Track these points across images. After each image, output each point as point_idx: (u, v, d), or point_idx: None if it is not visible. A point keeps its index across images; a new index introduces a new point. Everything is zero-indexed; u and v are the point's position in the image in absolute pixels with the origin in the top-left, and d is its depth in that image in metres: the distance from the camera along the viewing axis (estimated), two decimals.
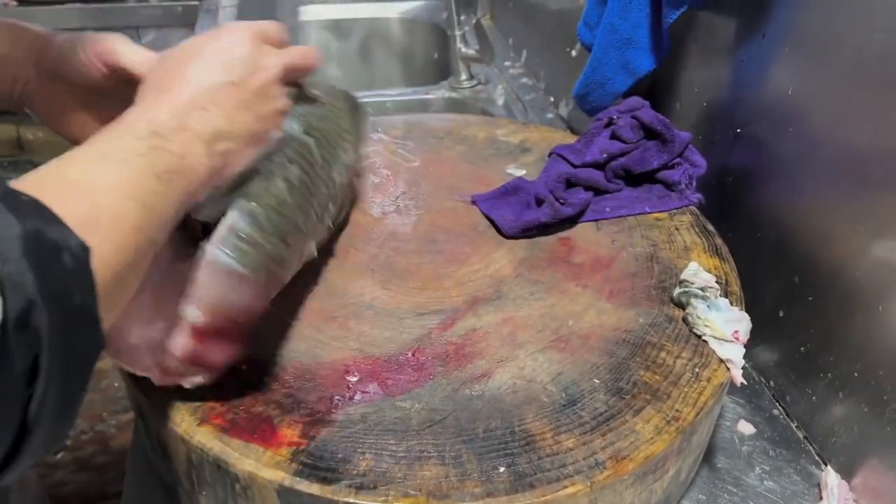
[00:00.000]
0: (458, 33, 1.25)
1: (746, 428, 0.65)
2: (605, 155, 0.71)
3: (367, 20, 1.60)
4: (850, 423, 0.59)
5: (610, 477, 0.46)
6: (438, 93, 1.28)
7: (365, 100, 1.25)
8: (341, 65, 1.63)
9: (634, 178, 0.72)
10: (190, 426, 0.48)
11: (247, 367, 0.52)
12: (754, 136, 0.69)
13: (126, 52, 0.54)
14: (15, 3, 1.48)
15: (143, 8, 1.54)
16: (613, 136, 0.72)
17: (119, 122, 0.43)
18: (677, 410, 0.50)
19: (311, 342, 0.55)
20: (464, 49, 1.25)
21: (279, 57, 0.51)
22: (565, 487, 0.45)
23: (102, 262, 0.34)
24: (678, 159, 0.71)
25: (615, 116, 0.72)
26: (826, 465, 0.61)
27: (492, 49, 1.19)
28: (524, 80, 1.29)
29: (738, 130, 0.70)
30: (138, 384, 0.50)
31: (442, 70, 1.58)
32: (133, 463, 0.60)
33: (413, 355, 0.54)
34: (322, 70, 1.66)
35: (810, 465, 0.62)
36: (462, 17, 1.30)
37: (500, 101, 1.23)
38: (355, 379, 0.52)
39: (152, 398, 0.50)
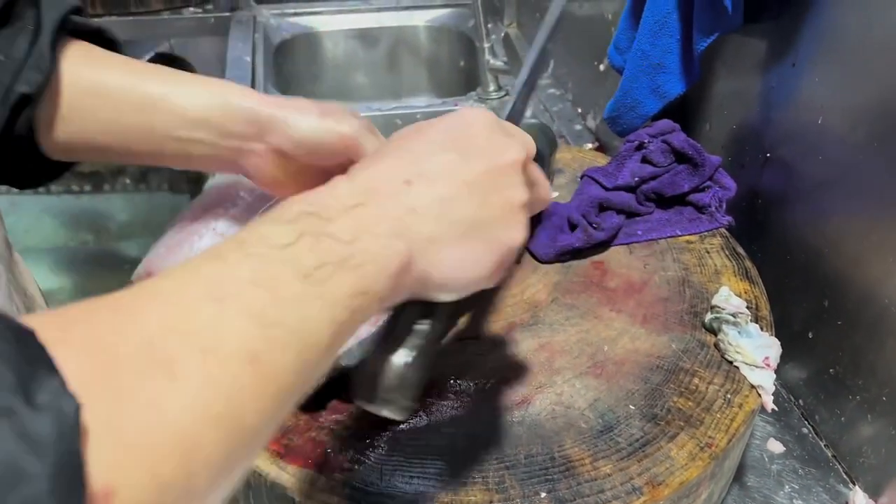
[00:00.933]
0: (486, 45, 1.27)
1: (776, 447, 0.67)
2: (636, 178, 0.73)
3: (395, 28, 1.62)
4: (878, 443, 0.61)
5: (646, 502, 0.48)
6: (468, 104, 1.30)
7: (396, 112, 1.28)
8: (369, 73, 1.65)
9: (665, 201, 0.74)
10: None
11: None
12: (783, 159, 0.71)
13: (369, 145, 0.53)
14: None
15: (176, 19, 1.58)
16: (645, 160, 0.73)
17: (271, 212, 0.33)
18: (710, 437, 0.52)
19: None
20: (492, 60, 1.27)
21: (522, 142, 0.41)
22: None
23: (171, 416, 0.24)
24: (708, 182, 0.73)
25: (646, 140, 0.74)
26: (854, 484, 0.63)
27: (520, 61, 1.21)
28: (552, 90, 1.30)
29: (768, 155, 0.72)
30: None
31: (468, 77, 1.60)
32: None
33: (455, 381, 0.57)
34: (349, 79, 1.67)
35: (838, 484, 0.64)
36: (489, 26, 1.32)
37: (529, 112, 1.24)
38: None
39: None
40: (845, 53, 0.62)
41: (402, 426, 0.53)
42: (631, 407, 0.55)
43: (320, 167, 0.53)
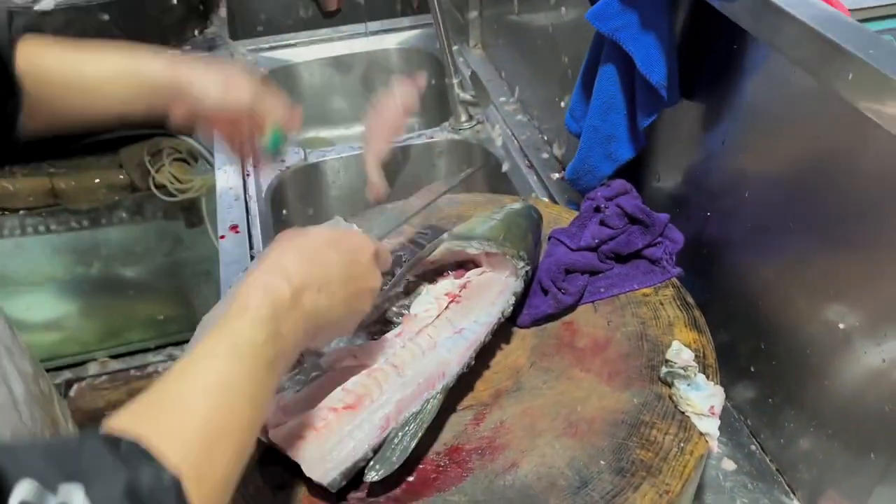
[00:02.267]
0: (455, 80, 1.35)
1: (729, 465, 0.79)
2: (596, 240, 0.83)
3: (366, 53, 1.70)
4: (811, 463, 0.73)
5: None
6: (442, 135, 1.39)
7: None
8: (346, 98, 1.73)
9: (623, 258, 0.84)
10: None
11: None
12: (722, 215, 0.81)
13: (267, 104, 0.76)
14: None
15: None
16: (602, 223, 0.84)
17: (244, 300, 0.51)
18: (667, 484, 0.64)
19: None
20: (461, 94, 1.36)
21: (381, 272, 0.64)
22: None
23: (209, 478, 0.41)
24: (659, 238, 0.83)
25: (603, 205, 0.84)
26: (794, 495, 0.76)
27: (488, 96, 1.30)
28: (518, 117, 1.39)
29: (709, 213, 0.82)
30: (245, 499, 0.64)
31: (440, 96, 1.68)
32: None
33: (455, 451, 0.68)
34: (327, 105, 1.75)
35: (782, 496, 0.76)
36: (455, 51, 1.40)
37: (499, 142, 1.34)
38: (412, 478, 0.66)
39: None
40: (766, 133, 0.72)
41: (415, 498, 0.64)
42: (602, 462, 0.66)
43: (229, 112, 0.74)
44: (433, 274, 0.79)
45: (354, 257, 0.61)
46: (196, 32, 1.73)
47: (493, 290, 0.75)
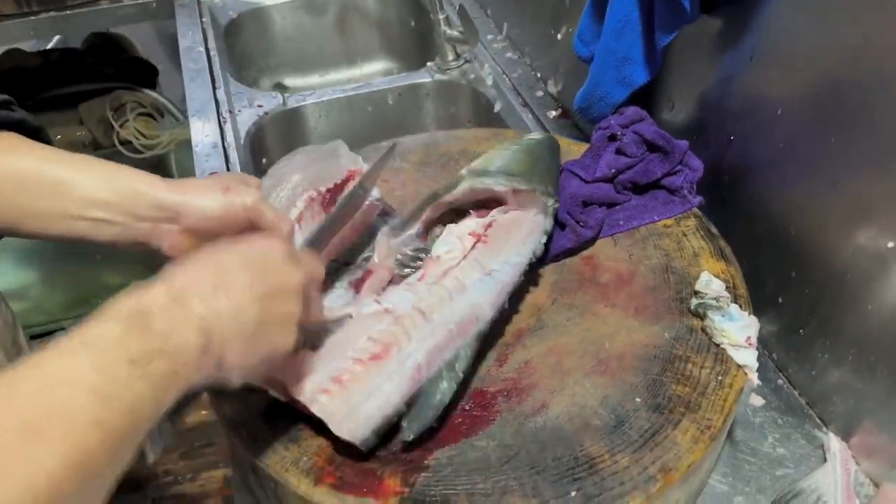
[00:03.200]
0: (441, 16, 1.28)
1: (757, 400, 0.76)
2: (613, 170, 0.78)
3: None
4: (846, 393, 0.70)
5: (662, 488, 0.56)
6: (428, 76, 1.32)
7: (358, 92, 1.30)
8: (321, 42, 1.64)
9: (640, 188, 0.79)
10: (308, 487, 0.56)
11: None
12: (744, 138, 0.76)
13: (267, 211, 0.61)
14: None
15: (117, 8, 1.53)
16: (619, 151, 0.79)
17: (109, 304, 0.43)
18: (708, 419, 0.60)
19: None
20: (448, 31, 1.28)
21: (305, 271, 0.54)
22: (627, 502, 0.55)
23: (45, 469, 0.35)
24: (679, 166, 0.78)
25: (619, 132, 0.79)
26: (827, 428, 0.72)
27: (476, 32, 1.23)
28: (508, 54, 1.33)
29: (731, 137, 0.77)
30: (253, 453, 0.59)
31: (421, 38, 1.61)
32: None
33: (479, 395, 0.63)
34: (302, 50, 1.67)
35: (814, 430, 0.73)
36: None
37: (490, 81, 1.27)
38: (435, 425, 0.61)
39: (264, 465, 0.58)
40: (802, 39, 0.66)
41: (441, 446, 0.59)
42: (637, 399, 0.62)
43: (230, 231, 0.61)
44: (451, 215, 0.73)
45: (261, 256, 0.52)
46: None
47: (522, 229, 0.69)
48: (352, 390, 0.56)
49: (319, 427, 0.58)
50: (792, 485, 0.68)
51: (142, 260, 2.05)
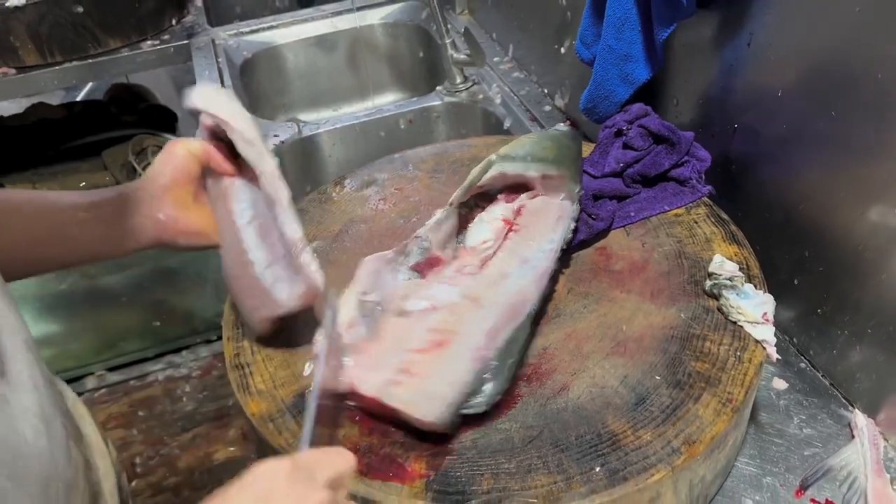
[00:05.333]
0: (448, 41, 1.31)
1: (780, 384, 0.76)
2: (621, 164, 0.80)
3: (351, 30, 1.66)
4: (870, 369, 0.69)
5: (686, 460, 0.56)
6: (438, 99, 1.35)
7: (371, 118, 1.33)
8: (333, 78, 1.69)
9: (650, 181, 0.81)
10: None
11: (360, 416, 0.62)
12: (750, 126, 0.78)
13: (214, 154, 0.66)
14: (14, 71, 1.53)
15: (136, 55, 1.59)
16: (626, 146, 0.80)
17: None
18: (729, 392, 0.60)
19: None
20: (455, 54, 1.32)
21: (328, 478, 0.46)
22: (652, 476, 0.55)
23: None
24: (686, 157, 0.80)
25: (624, 127, 0.80)
26: (853, 407, 0.72)
27: (482, 53, 1.27)
28: (515, 74, 1.36)
29: (735, 125, 0.79)
30: (281, 446, 0.60)
31: (430, 67, 1.65)
32: None
33: None
34: (315, 86, 1.71)
35: (840, 409, 0.72)
36: (445, 16, 1.36)
37: (498, 100, 1.30)
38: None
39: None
40: (799, 20, 0.68)
41: (464, 430, 0.59)
42: (657, 377, 0.62)
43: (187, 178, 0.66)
44: (478, 199, 0.74)
45: (263, 492, 0.44)
46: (173, 21, 1.68)
47: (551, 214, 0.72)
48: (422, 378, 0.58)
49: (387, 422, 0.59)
50: (821, 463, 0.67)
51: (167, 298, 2.09)
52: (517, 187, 0.74)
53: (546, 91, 1.28)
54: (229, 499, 0.44)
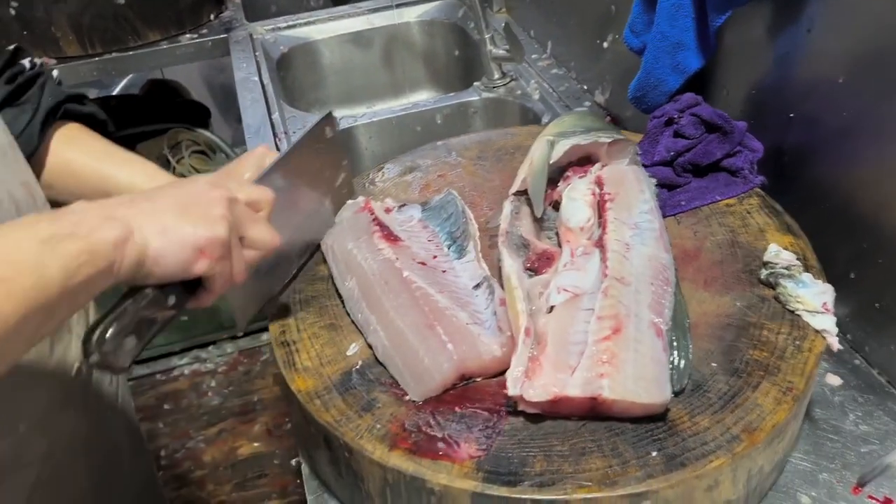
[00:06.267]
0: (487, 36, 1.31)
1: (834, 380, 0.73)
2: (671, 153, 0.78)
3: (387, 28, 1.66)
4: None
5: (746, 447, 0.54)
6: (475, 94, 1.34)
7: (407, 112, 1.32)
8: (368, 75, 1.69)
9: (700, 170, 0.79)
10: (383, 453, 0.56)
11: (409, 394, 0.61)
12: (807, 116, 0.76)
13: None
14: (54, 61, 1.55)
15: (175, 47, 1.60)
16: (677, 134, 0.79)
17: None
18: (790, 381, 0.58)
19: None
20: (494, 50, 1.31)
21: (230, 189, 0.58)
22: (711, 462, 0.53)
23: None
24: (738, 147, 0.78)
25: (675, 115, 0.79)
26: None
27: (522, 48, 1.26)
28: (554, 70, 1.35)
29: (791, 115, 0.77)
30: (328, 422, 0.59)
31: (465, 66, 1.64)
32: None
33: None
34: (349, 83, 1.71)
35: None
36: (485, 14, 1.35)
37: (536, 96, 1.29)
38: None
39: (339, 433, 0.58)
40: (858, 16, 0.67)
41: (515, 412, 0.58)
42: (713, 364, 0.61)
43: None
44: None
45: (187, 182, 0.58)
46: (211, 16, 1.69)
47: (630, 177, 0.73)
48: (624, 364, 0.56)
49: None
50: (879, 460, 0.65)
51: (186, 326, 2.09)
52: (581, 161, 0.74)
53: (586, 87, 1.26)
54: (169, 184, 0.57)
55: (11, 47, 0.72)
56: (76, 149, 0.72)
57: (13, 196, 0.62)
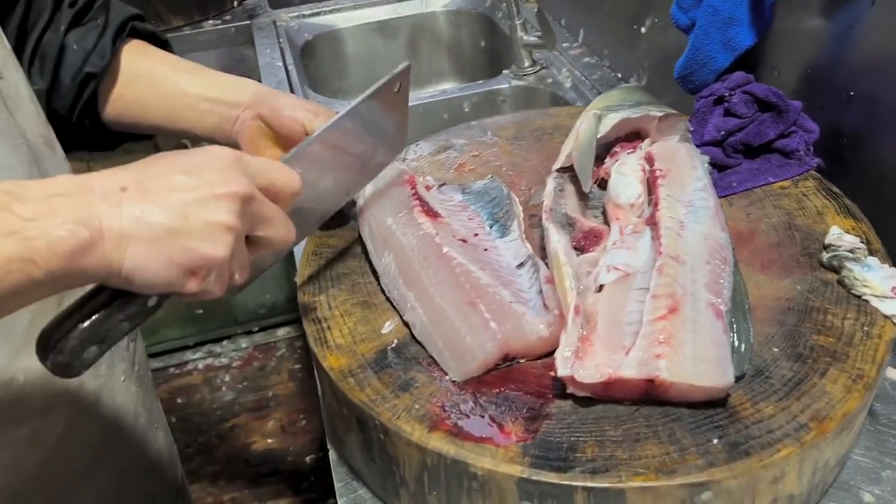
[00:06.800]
0: (518, 22, 1.27)
1: (894, 374, 0.69)
2: (722, 132, 0.74)
3: (413, 17, 1.63)
4: None
5: (816, 437, 0.50)
6: (505, 82, 1.31)
7: (435, 100, 1.29)
8: (391, 65, 1.65)
9: (751, 151, 0.75)
10: (422, 434, 0.52)
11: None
12: (868, 95, 0.72)
13: (311, 124, 0.68)
14: None
15: (199, 33, 1.58)
16: (728, 113, 0.75)
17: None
18: (859, 368, 0.54)
19: None
20: (525, 37, 1.28)
21: (254, 181, 0.47)
22: (778, 451, 0.49)
23: None
24: (793, 127, 0.74)
25: (726, 94, 0.75)
26: None
27: (554, 34, 1.22)
28: (586, 59, 1.31)
29: (851, 93, 0.73)
30: (363, 402, 0.55)
31: (492, 57, 1.61)
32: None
33: None
34: (373, 72, 1.69)
35: None
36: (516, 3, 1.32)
37: (568, 84, 1.26)
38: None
39: (374, 413, 0.54)
40: None
41: (562, 395, 0.54)
42: (775, 349, 0.57)
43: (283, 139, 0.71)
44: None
45: (203, 161, 0.46)
46: (235, 3, 1.67)
47: (681, 154, 0.69)
48: (682, 344, 0.52)
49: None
50: None
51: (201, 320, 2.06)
52: (629, 137, 0.70)
53: (620, 75, 1.23)
54: (178, 154, 0.46)
55: None
56: (149, 60, 0.74)
57: (32, 145, 0.60)
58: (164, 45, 0.78)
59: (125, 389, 0.72)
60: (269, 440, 1.86)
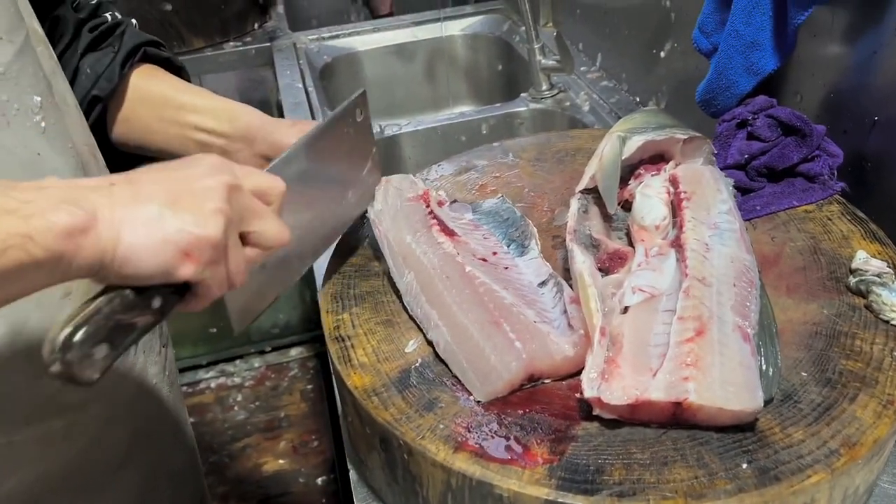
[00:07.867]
0: (536, 46, 1.28)
1: None
2: (745, 156, 0.74)
3: (430, 41, 1.65)
4: None
5: (846, 463, 0.49)
6: (523, 105, 1.32)
7: (453, 122, 1.30)
8: (409, 88, 1.67)
9: (775, 175, 0.75)
10: (447, 455, 0.52)
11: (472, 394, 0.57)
12: (894, 120, 0.72)
13: None
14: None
15: (219, 55, 1.60)
16: (751, 137, 0.75)
17: None
18: (889, 394, 0.54)
19: None
20: (543, 60, 1.29)
21: (241, 179, 0.50)
22: (809, 477, 0.49)
23: None
24: (816, 151, 0.74)
25: (749, 117, 0.75)
26: None
27: (572, 58, 1.23)
28: (604, 83, 1.32)
29: (875, 118, 0.73)
30: (387, 421, 0.55)
31: (509, 81, 1.62)
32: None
33: None
34: (391, 95, 1.70)
35: None
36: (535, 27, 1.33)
37: (586, 107, 1.26)
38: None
39: (399, 433, 0.54)
40: None
41: (588, 417, 0.54)
42: (803, 374, 0.56)
43: None
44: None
45: (186, 164, 0.49)
46: (255, 25, 1.69)
47: (706, 177, 0.68)
48: (710, 367, 0.52)
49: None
50: None
51: (220, 308, 2.07)
52: (653, 159, 0.70)
53: (638, 99, 1.23)
54: (160, 164, 0.49)
55: (94, 1, 0.74)
56: (156, 83, 0.75)
57: (79, 151, 0.62)
58: (178, 71, 0.79)
59: (157, 392, 0.73)
60: (281, 461, 1.85)
